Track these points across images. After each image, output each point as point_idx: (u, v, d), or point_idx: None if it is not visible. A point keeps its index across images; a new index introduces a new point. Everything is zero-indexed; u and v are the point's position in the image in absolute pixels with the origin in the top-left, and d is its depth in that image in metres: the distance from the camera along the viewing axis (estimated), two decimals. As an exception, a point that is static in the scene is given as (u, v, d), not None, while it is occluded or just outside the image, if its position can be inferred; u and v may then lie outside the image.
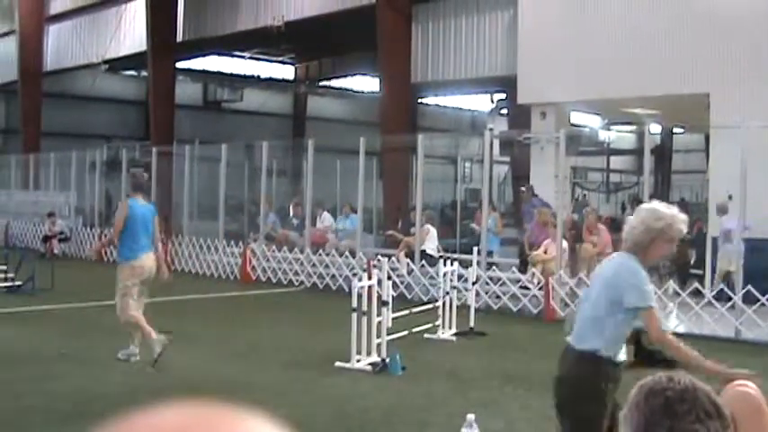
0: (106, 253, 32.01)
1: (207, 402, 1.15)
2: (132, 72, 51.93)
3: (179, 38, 39.52)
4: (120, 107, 56.01)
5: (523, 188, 25.16)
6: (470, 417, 7.45)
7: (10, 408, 10.64)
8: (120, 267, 13.68)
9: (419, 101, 42.95)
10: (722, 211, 20.62)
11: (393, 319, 14.09)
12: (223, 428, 1.13)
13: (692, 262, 22.95)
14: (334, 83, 55.56)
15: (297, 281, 25.39)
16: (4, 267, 22.58)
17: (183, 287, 24.14)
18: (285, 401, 11.09)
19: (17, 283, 21.86)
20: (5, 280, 22.16)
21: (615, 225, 28.68)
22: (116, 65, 46.63)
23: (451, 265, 17.62)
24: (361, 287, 13.45)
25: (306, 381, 12.48)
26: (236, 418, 1.15)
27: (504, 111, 37.32)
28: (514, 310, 20.61)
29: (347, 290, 17.83)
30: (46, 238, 32.92)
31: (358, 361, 13.27)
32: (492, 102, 42.69)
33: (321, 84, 55.73)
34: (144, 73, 45.88)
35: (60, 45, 49.43)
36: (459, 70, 30.50)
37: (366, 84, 51.43)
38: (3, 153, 49.45)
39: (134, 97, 55.78)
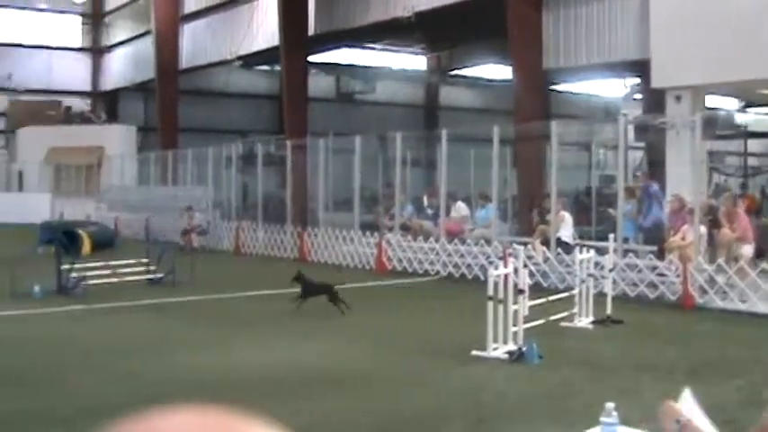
0: (243, 245, 32.70)
1: (217, 407, 1.18)
2: (265, 67, 52.59)
3: (311, 32, 39.90)
4: (254, 102, 56.96)
5: (637, 173, 24.81)
6: (609, 405, 7.42)
7: (153, 393, 10.93)
8: None
9: (551, 88, 42.61)
10: None
11: (529, 307, 14.07)
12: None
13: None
14: (466, 72, 55.38)
15: (432, 270, 25.44)
16: (146, 260, 23.14)
17: (319, 278, 24.45)
18: (421, 390, 11.19)
19: (158, 275, 22.39)
20: (147, 272, 22.72)
21: (756, 209, 28.12)
22: (249, 60, 47.34)
23: (587, 252, 17.49)
24: (498, 276, 13.46)
25: (442, 369, 12.53)
26: (246, 425, 1.16)
27: (638, 95, 36.82)
28: (652, 297, 20.34)
29: (482, 279, 17.82)
30: (185, 232, 33.70)
31: (494, 349, 13.27)
32: (625, 86, 42.13)
33: (453, 73, 55.60)
34: (277, 67, 46.44)
35: (195, 43, 50.43)
36: (592, 55, 30.13)
37: (498, 72, 51.19)
38: (142, 150, 50.81)
39: (267, 92, 56.60)
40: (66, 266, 20.96)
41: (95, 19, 63.21)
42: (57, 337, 15.55)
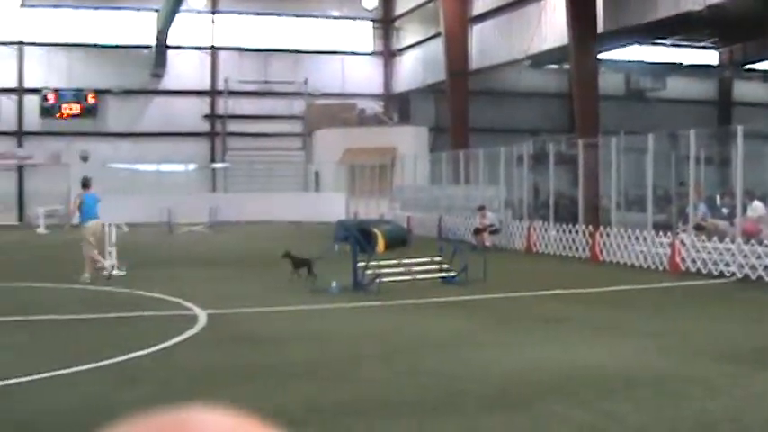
0: (535, 244, 32.89)
1: (221, 408, 1.20)
2: (554, 66, 52.60)
3: (600, 29, 39.63)
4: (543, 101, 57.14)
5: None
6: None
7: (444, 389, 11.30)
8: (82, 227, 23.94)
9: None
10: None
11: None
12: None
13: None
14: (761, 66, 53.73)
15: (727, 272, 24.83)
16: (439, 258, 23.68)
17: (612, 278, 24.41)
18: (715, 395, 10.99)
19: (451, 273, 22.87)
20: (440, 270, 23.23)
21: None
22: (538, 59, 47.43)
23: None
24: (797, 279, 13.11)
25: (739, 375, 12.22)
26: (254, 428, 1.19)
27: None
28: None
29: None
30: (477, 231, 34.18)
31: (795, 356, 12.94)
32: None
33: (747, 67, 54.04)
34: (566, 66, 46.41)
35: (484, 43, 50.97)
36: None
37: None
38: (434, 150, 51.74)
39: (557, 90, 56.68)
40: (361, 264, 21.77)
41: (386, 24, 64.82)
42: (350, 331, 16.24)
